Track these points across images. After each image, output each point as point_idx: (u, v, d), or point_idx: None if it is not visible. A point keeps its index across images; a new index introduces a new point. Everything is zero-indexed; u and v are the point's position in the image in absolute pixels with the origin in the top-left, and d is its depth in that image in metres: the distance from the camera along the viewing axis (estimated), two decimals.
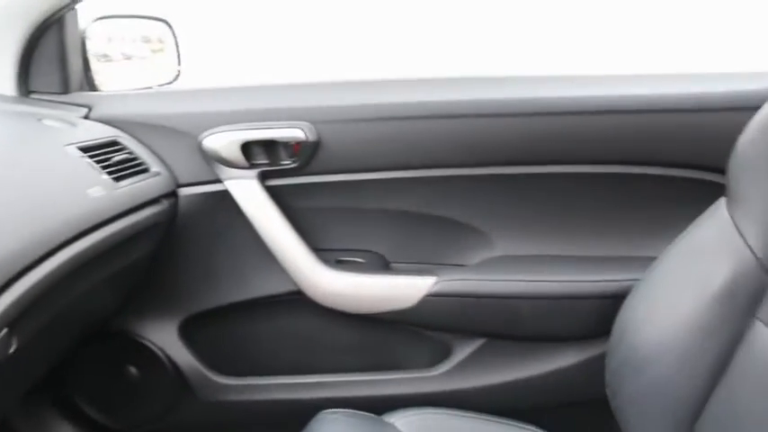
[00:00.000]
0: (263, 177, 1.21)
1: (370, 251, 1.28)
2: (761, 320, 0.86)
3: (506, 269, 1.21)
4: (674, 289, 0.95)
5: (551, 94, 1.18)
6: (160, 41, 1.44)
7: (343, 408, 1.06)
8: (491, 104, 1.18)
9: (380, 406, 1.09)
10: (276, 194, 1.22)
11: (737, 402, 0.86)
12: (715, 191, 0.98)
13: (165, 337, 1.30)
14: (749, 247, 0.88)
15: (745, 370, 0.86)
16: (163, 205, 1.16)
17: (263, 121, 1.20)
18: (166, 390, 1.32)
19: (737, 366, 0.87)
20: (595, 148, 1.19)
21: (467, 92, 1.20)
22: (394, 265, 1.28)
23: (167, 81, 1.41)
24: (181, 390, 1.31)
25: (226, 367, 1.32)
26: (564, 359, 1.22)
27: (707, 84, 1.18)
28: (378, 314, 1.21)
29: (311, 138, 1.18)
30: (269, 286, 1.26)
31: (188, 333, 1.30)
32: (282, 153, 1.20)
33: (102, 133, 1.16)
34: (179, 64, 1.43)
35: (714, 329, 0.89)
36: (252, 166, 1.21)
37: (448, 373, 1.25)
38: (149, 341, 1.30)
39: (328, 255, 1.26)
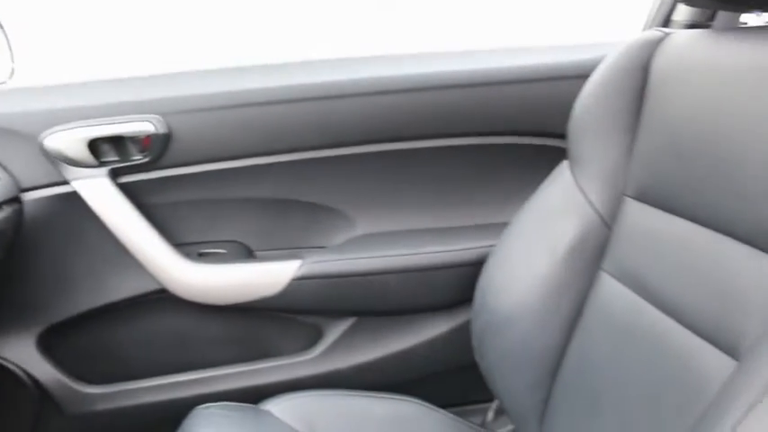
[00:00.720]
0: (114, 175, 1.16)
1: (233, 241, 1.26)
2: (605, 271, 0.92)
3: (370, 246, 1.23)
4: (527, 251, 1.00)
5: (401, 72, 1.20)
6: None
7: (221, 401, 1.04)
8: (342, 85, 1.19)
9: (257, 395, 1.08)
10: (130, 192, 1.17)
11: (591, 349, 0.92)
12: (559, 155, 1.04)
13: (22, 353, 1.22)
14: (591, 203, 0.94)
15: (595, 318, 0.92)
16: (4, 212, 1.09)
17: (109, 116, 1.15)
18: (30, 409, 1.24)
19: (588, 316, 0.93)
20: (445, 122, 1.22)
21: (318, 74, 1.20)
22: (258, 253, 1.27)
23: (0, 81, 1.32)
24: (46, 407, 1.24)
25: (93, 376, 1.26)
26: (433, 329, 1.26)
27: (544, 56, 1.24)
28: (245, 303, 1.20)
29: (161, 130, 1.14)
30: (131, 287, 1.22)
31: (48, 345, 1.24)
32: (132, 148, 1.16)
33: None
34: (12, 61, 1.34)
35: (566, 285, 0.95)
36: (101, 164, 1.15)
37: (322, 356, 1.26)
38: (6, 359, 1.22)
39: (190, 249, 1.23)
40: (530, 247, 1.00)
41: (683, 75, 0.85)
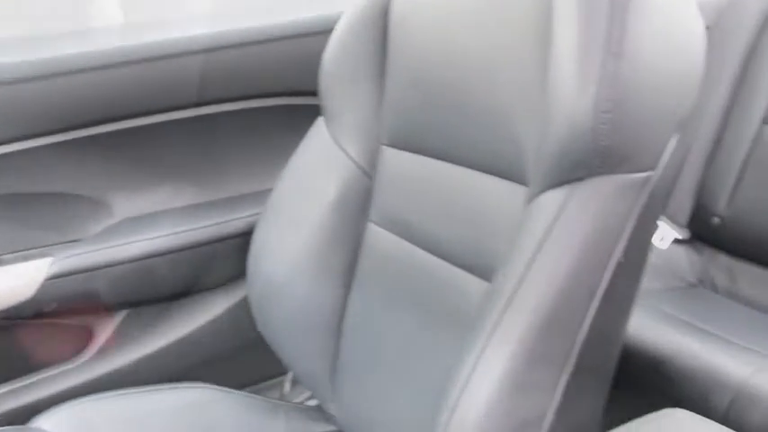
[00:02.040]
0: None
1: None
2: (373, 222, 0.94)
3: (131, 231, 1.15)
4: (294, 213, 0.99)
5: (140, 41, 1.12)
6: None
7: None
8: (72, 60, 1.08)
9: (30, 415, 0.97)
10: None
11: (368, 300, 0.93)
12: (317, 112, 1.04)
13: None
14: (349, 156, 0.95)
15: (369, 270, 0.94)
16: None
17: None
18: None
19: (362, 269, 0.95)
20: (193, 91, 1.17)
21: (43, 50, 1.08)
22: (3, 257, 1.14)
23: None
24: None
25: None
26: (214, 308, 1.22)
27: (286, 14, 1.22)
28: None
29: None
30: None
31: None
32: None
33: None
34: None
35: (336, 242, 0.95)
36: None
37: (96, 357, 1.17)
38: None
39: None
40: (296, 208, 0.99)
41: (418, 18, 0.87)
